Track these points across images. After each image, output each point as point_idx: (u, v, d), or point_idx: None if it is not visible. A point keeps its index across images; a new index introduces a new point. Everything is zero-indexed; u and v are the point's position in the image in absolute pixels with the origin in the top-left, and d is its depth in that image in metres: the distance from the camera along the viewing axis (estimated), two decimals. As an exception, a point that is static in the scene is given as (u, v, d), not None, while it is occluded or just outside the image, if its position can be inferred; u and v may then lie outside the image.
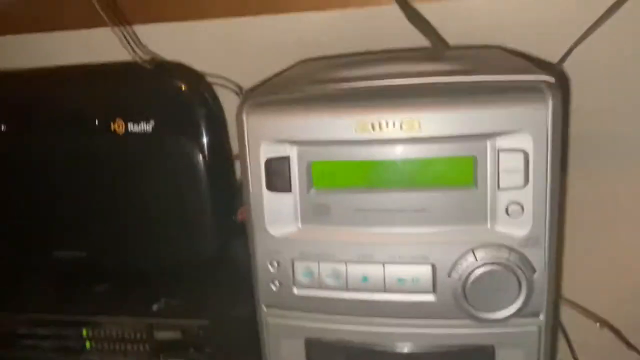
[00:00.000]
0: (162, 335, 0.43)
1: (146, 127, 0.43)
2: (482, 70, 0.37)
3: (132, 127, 0.43)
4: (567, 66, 0.48)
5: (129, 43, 0.44)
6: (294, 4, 0.55)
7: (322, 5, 0.54)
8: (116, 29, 0.42)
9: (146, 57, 0.44)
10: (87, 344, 0.44)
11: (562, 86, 0.33)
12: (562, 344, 0.57)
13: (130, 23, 0.52)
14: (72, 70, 0.48)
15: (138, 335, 0.43)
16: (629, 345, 0.56)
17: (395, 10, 0.51)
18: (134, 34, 0.50)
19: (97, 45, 0.53)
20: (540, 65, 0.41)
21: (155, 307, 0.43)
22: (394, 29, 0.52)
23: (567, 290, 0.57)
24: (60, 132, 0.45)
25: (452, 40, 0.53)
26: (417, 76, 0.37)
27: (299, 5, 0.55)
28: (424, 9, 0.52)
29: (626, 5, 0.46)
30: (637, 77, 0.51)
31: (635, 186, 0.54)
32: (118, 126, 0.43)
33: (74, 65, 0.48)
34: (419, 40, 0.52)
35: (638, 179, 0.54)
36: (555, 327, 0.37)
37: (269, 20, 0.56)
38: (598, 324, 0.56)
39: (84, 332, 0.44)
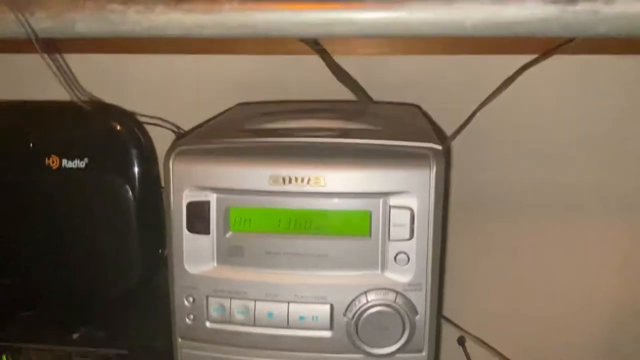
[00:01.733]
0: (81, 363, 0.45)
1: (80, 163, 0.46)
2: (386, 133, 0.43)
3: (66, 162, 0.46)
4: (470, 126, 0.55)
5: (65, 81, 0.46)
6: (237, 46, 0.59)
7: (261, 49, 0.59)
8: (49, 61, 0.45)
9: (84, 98, 0.47)
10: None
11: (446, 154, 0.39)
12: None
13: (62, 52, 0.54)
14: (13, 105, 0.50)
15: (58, 363, 0.44)
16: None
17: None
18: (70, 72, 0.52)
19: (28, 72, 0.56)
20: (437, 131, 0.47)
21: (75, 335, 0.45)
22: (326, 77, 0.58)
23: (475, 327, 0.63)
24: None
25: (377, 91, 0.59)
26: (330, 135, 0.42)
27: (243, 47, 0.59)
28: (351, 62, 0.58)
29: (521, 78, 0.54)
30: (527, 140, 0.59)
31: (523, 230, 0.62)
32: (52, 161, 0.45)
33: (15, 101, 0.50)
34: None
35: (525, 223, 0.62)
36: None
37: (210, 59, 0.60)
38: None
39: (4, 358, 0.45)
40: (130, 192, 0.47)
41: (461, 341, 0.66)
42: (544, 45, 0.53)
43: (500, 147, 0.60)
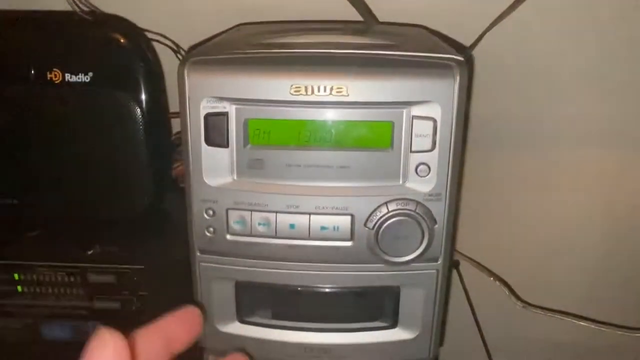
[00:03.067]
0: (95, 278, 0.45)
1: (84, 78, 0.44)
2: (404, 47, 0.42)
3: (69, 77, 0.44)
4: (478, 50, 0.55)
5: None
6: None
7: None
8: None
9: (86, 9, 0.44)
10: (19, 288, 0.45)
11: (469, 65, 0.39)
12: (462, 298, 0.66)
13: None
14: (8, 15, 0.47)
15: (72, 279, 0.44)
16: (518, 298, 0.65)
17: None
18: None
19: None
20: (454, 45, 0.47)
21: (89, 252, 0.45)
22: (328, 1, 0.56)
23: (469, 250, 0.65)
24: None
25: (381, 16, 0.57)
26: (347, 48, 0.41)
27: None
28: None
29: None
30: (533, 68, 0.59)
31: (527, 162, 0.63)
32: (55, 75, 0.43)
33: (11, 10, 0.46)
34: (353, 13, 0.56)
35: (530, 154, 0.63)
36: (450, 271, 0.43)
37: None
38: (492, 279, 0.65)
39: (15, 277, 0.45)
40: (137, 109, 0.45)
41: (455, 264, 0.68)
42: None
43: (505, 74, 0.59)
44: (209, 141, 0.39)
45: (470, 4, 0.57)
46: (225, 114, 0.38)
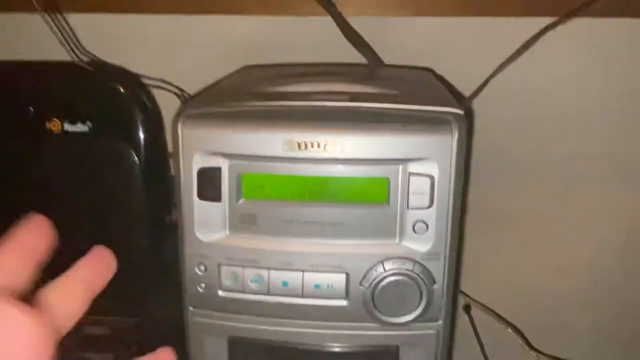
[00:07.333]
0: (90, 330, 0.44)
1: (83, 127, 0.44)
2: (403, 97, 0.41)
3: (68, 127, 0.44)
4: (484, 93, 0.53)
5: (66, 41, 0.44)
6: (241, 5, 0.56)
7: (268, 10, 0.56)
8: (49, 21, 0.42)
9: (86, 59, 0.45)
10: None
11: (468, 118, 0.38)
12: (474, 344, 0.63)
13: (64, 11, 0.50)
14: (8, 65, 0.47)
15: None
16: (532, 347, 0.62)
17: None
18: (71, 31, 0.50)
19: (28, 32, 0.53)
20: (455, 95, 0.46)
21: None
22: (334, 40, 0.55)
23: (481, 295, 0.63)
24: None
25: (388, 54, 0.57)
26: (345, 99, 0.40)
27: (246, 7, 0.56)
28: (363, 23, 0.55)
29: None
30: (542, 107, 0.58)
31: (529, 200, 0.61)
32: (54, 125, 0.43)
33: (10, 61, 0.47)
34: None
35: (532, 194, 0.61)
36: (452, 330, 0.41)
37: (214, 20, 0.57)
38: (504, 325, 0.62)
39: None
40: (136, 158, 0.45)
41: (467, 309, 0.66)
42: (563, 7, 0.51)
43: (514, 113, 0.58)
44: (202, 195, 0.38)
45: (480, 45, 0.56)
46: (218, 169, 0.38)
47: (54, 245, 0.22)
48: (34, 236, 0.22)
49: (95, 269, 0.24)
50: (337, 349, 0.40)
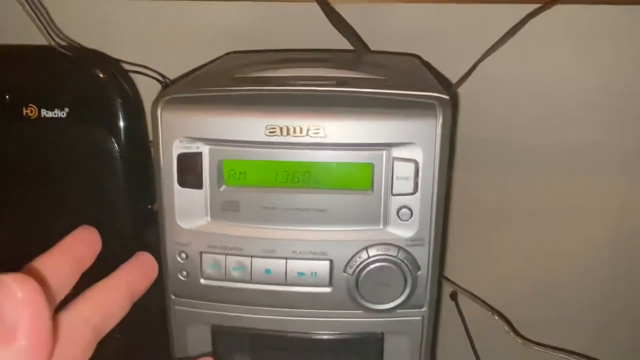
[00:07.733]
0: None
1: (60, 113, 0.43)
2: (388, 82, 0.41)
3: (45, 113, 0.43)
4: (471, 79, 0.53)
5: (42, 24, 0.43)
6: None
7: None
8: (24, 3, 0.40)
9: (63, 43, 0.44)
10: None
11: (453, 103, 0.37)
12: (461, 332, 0.63)
13: None
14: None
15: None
16: (518, 334, 0.62)
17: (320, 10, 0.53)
18: (47, 14, 0.48)
19: (1, 14, 0.51)
20: (441, 81, 0.45)
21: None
22: (320, 27, 0.54)
23: (468, 283, 0.63)
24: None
25: (374, 41, 0.56)
26: (328, 84, 0.39)
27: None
28: (350, 9, 0.54)
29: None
30: (529, 95, 0.57)
31: (517, 189, 0.61)
32: (30, 111, 0.42)
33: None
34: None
35: (519, 182, 0.61)
36: (437, 317, 0.41)
37: (198, 5, 0.56)
38: (490, 313, 0.62)
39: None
40: (116, 145, 0.44)
41: (453, 296, 0.66)
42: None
43: (501, 100, 0.58)
44: (182, 182, 0.37)
45: (466, 32, 0.55)
46: (199, 155, 0.37)
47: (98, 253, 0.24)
48: (84, 245, 0.23)
49: (137, 273, 0.25)
50: (321, 337, 0.40)
